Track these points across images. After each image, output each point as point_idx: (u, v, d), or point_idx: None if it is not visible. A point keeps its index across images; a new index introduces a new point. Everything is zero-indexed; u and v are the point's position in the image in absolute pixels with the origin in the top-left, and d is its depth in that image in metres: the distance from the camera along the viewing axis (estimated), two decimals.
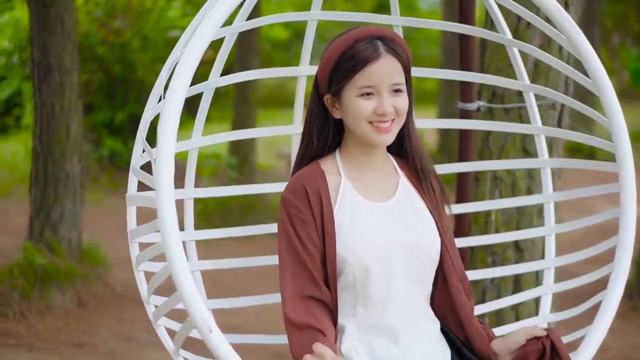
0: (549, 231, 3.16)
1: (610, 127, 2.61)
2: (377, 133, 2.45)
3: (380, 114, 2.43)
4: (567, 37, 2.60)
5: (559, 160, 3.30)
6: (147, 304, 2.64)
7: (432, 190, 2.59)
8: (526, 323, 3.22)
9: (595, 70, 2.59)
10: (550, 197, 3.17)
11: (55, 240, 6.54)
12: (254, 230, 3.05)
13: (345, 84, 2.45)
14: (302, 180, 2.48)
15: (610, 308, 2.53)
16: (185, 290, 2.08)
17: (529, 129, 3.24)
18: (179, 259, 2.08)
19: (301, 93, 3.11)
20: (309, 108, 2.57)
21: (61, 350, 5.52)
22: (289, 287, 2.40)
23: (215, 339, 2.09)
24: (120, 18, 11.06)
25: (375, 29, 2.48)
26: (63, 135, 6.58)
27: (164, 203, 2.10)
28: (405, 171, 2.60)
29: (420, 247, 2.48)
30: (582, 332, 2.64)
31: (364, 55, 2.42)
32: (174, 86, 2.17)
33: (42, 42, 6.46)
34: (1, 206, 9.71)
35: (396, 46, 2.46)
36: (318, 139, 2.55)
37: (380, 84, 2.43)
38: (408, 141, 2.59)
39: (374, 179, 2.54)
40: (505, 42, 3.07)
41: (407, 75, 2.51)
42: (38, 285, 6.13)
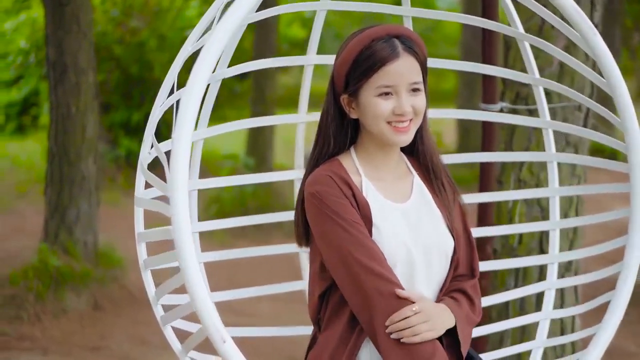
0: (553, 226, 3.17)
1: (623, 127, 2.61)
2: (395, 133, 2.42)
3: (399, 114, 2.40)
4: (583, 36, 2.59)
5: (567, 156, 3.33)
6: (154, 305, 2.60)
7: (444, 189, 2.56)
8: (528, 319, 3.21)
9: (610, 71, 2.59)
10: (555, 192, 3.17)
11: (70, 242, 6.48)
12: (257, 220, 3.06)
13: (363, 84, 2.41)
14: (325, 172, 2.43)
15: (618, 308, 2.55)
16: (200, 302, 2.06)
17: (537, 123, 3.23)
18: (195, 275, 2.06)
19: (307, 82, 3.11)
20: (324, 109, 2.53)
21: (76, 354, 5.46)
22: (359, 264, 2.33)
23: (229, 349, 2.06)
24: (137, 17, 11.01)
25: (392, 27, 2.43)
26: (79, 135, 6.51)
27: (179, 213, 2.08)
28: (418, 170, 2.58)
29: (437, 249, 2.46)
30: (591, 330, 2.67)
31: (382, 54, 2.38)
32: (192, 86, 2.13)
33: (57, 41, 6.39)
34: (17, 207, 9.66)
35: (414, 44, 2.43)
36: (335, 140, 2.50)
37: (398, 84, 2.39)
38: (420, 140, 2.56)
39: (391, 179, 2.51)
40: (516, 36, 3.05)
41: (424, 73, 2.47)
42: (53, 288, 6.08)
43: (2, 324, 5.75)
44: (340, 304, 2.42)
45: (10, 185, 10.79)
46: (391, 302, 2.31)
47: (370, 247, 2.35)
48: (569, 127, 3.17)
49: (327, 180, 2.40)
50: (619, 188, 2.90)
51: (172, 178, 2.09)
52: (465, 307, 2.46)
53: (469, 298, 2.50)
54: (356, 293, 2.33)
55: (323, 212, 2.37)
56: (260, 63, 3.00)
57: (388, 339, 2.30)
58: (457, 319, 2.40)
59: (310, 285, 2.52)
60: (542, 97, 3.15)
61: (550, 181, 3.17)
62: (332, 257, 2.37)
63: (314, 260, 2.49)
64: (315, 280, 2.47)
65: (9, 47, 15.00)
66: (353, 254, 2.32)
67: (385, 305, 2.31)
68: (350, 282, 2.33)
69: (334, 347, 2.39)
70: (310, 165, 2.53)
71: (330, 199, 2.37)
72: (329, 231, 2.36)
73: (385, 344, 2.31)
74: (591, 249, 3.07)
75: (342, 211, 2.36)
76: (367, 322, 2.33)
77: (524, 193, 3.49)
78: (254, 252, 3.08)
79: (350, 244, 2.33)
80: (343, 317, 2.41)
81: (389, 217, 2.42)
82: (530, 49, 3.10)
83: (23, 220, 8.72)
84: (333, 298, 2.44)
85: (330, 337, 2.41)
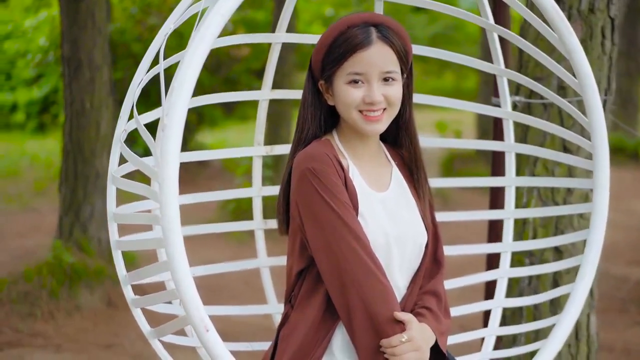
0: (508, 215, 3.31)
1: (590, 127, 2.68)
2: (366, 122, 2.42)
3: (369, 102, 2.39)
4: (558, 35, 2.62)
5: (526, 147, 3.36)
6: (124, 286, 2.60)
7: (419, 180, 2.57)
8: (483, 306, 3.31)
9: (582, 71, 2.64)
10: (512, 182, 3.32)
11: (84, 238, 6.46)
12: (223, 195, 3.11)
13: (335, 70, 2.41)
14: (320, 150, 2.42)
15: (577, 300, 2.71)
16: (185, 289, 2.05)
17: (499, 113, 3.31)
18: (181, 261, 2.05)
19: (274, 60, 3.14)
20: (303, 94, 2.53)
21: (89, 351, 5.44)
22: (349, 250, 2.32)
23: (211, 338, 2.07)
24: (155, 15, 10.98)
25: (370, 15, 2.43)
26: (93, 132, 6.49)
27: (168, 198, 2.05)
28: (397, 160, 2.59)
29: (412, 239, 2.47)
30: (553, 319, 2.83)
31: (354, 41, 2.38)
32: (181, 84, 2.08)
33: (72, 37, 6.37)
34: (35, 204, 9.68)
35: (391, 34, 2.41)
36: (312, 125, 2.50)
37: (369, 72, 2.38)
38: (405, 132, 2.57)
39: (371, 166, 2.52)
40: (486, 27, 3.07)
41: (404, 64, 2.45)
42: (67, 285, 6.05)
43: (16, 320, 5.74)
44: (316, 283, 2.41)
45: (29, 183, 10.83)
46: (374, 291, 2.32)
47: (359, 232, 2.34)
48: (532, 120, 3.21)
49: (324, 158, 2.39)
50: (583, 184, 3.04)
51: (164, 151, 2.05)
52: (440, 317, 2.49)
53: (439, 299, 2.53)
54: (336, 276, 2.32)
55: (315, 190, 2.35)
56: (229, 40, 2.95)
57: (362, 327, 2.31)
58: (438, 336, 2.43)
59: (289, 261, 2.51)
60: (505, 88, 3.27)
61: (508, 171, 3.29)
62: (318, 237, 2.35)
63: (294, 236, 2.47)
64: (295, 257, 2.47)
65: (30, 45, 15.09)
66: (343, 237, 2.32)
67: (365, 294, 2.31)
68: (332, 265, 2.33)
69: (306, 329, 2.40)
70: (292, 149, 2.52)
71: (326, 177, 2.36)
72: (319, 210, 2.34)
73: (359, 331, 2.32)
74: (550, 240, 3.21)
75: (336, 191, 2.35)
76: (341, 306, 2.33)
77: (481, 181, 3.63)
78: (217, 228, 3.13)
79: (340, 226, 2.32)
80: (317, 299, 2.41)
81: (372, 205, 2.43)
82: (498, 40, 3.17)
83: (41, 218, 8.73)
84: (309, 277, 2.44)
85: (303, 319, 2.42)
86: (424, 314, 2.45)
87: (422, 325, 2.38)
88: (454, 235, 5.92)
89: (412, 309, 2.46)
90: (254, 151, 3.16)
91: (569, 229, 3.80)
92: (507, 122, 3.28)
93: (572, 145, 3.76)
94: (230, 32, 11.46)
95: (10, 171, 11.68)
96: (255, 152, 3.16)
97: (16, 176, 11.48)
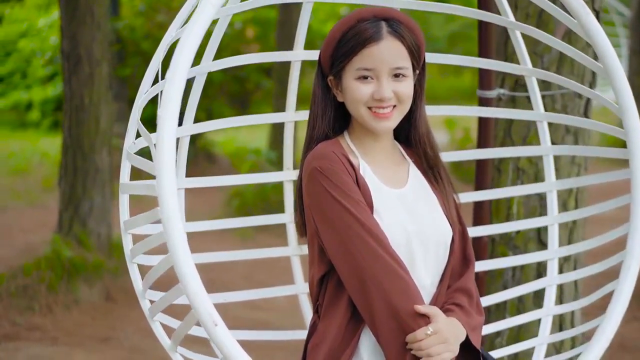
0: (552, 220, 3.07)
1: (621, 113, 2.48)
2: (375, 119, 2.33)
3: (378, 99, 2.30)
4: (576, 18, 2.45)
5: (562, 147, 3.20)
6: (142, 299, 2.51)
7: (440, 179, 2.47)
8: (530, 317, 3.12)
9: (605, 54, 2.45)
10: (553, 186, 3.07)
11: (83, 233, 6.48)
12: (254, 222, 2.99)
13: (344, 65, 2.34)
14: (328, 149, 2.34)
15: (622, 297, 2.40)
16: (189, 282, 1.95)
17: (531, 116, 3.14)
18: (182, 249, 1.95)
19: (295, 78, 3.01)
20: (313, 90, 2.44)
21: (86, 345, 5.46)
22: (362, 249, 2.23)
23: (220, 333, 1.95)
24: (163, 12, 11.00)
25: (381, 9, 2.35)
26: (92, 127, 6.51)
27: (165, 189, 1.97)
28: (414, 158, 2.48)
29: (435, 236, 2.36)
30: (595, 322, 2.55)
31: (364, 36, 2.29)
32: (175, 68, 2.04)
33: (71, 33, 6.39)
34: (42, 201, 9.75)
35: (402, 28, 2.32)
36: (323, 122, 2.41)
37: (379, 68, 2.30)
38: (414, 130, 2.46)
39: (386, 164, 2.42)
40: (507, 25, 2.94)
41: (415, 60, 2.36)
42: (65, 279, 6.07)
43: (14, 314, 5.77)
44: (338, 288, 2.32)
45: (38, 180, 10.89)
46: (394, 286, 2.22)
47: (374, 229, 2.25)
48: (560, 118, 3.10)
49: (332, 156, 2.30)
50: (619, 175, 2.75)
51: (159, 158, 2.00)
52: (471, 312, 2.37)
53: (470, 296, 2.42)
54: (355, 276, 2.23)
55: (325, 190, 2.26)
56: (245, 58, 2.91)
57: (386, 326, 2.22)
58: (469, 331, 2.32)
59: (310, 270, 2.42)
60: (535, 88, 3.09)
61: (547, 175, 3.08)
62: (332, 237, 2.27)
63: (312, 243, 2.38)
64: (314, 264, 2.38)
65: (44, 44, 15.16)
66: (358, 234, 2.23)
67: (385, 291, 2.22)
68: (349, 263, 2.24)
69: (333, 336, 2.31)
70: (305, 146, 2.44)
71: (335, 175, 2.27)
72: (330, 209, 2.26)
73: (384, 330, 2.23)
74: (592, 241, 2.94)
75: (347, 189, 2.26)
76: (364, 307, 2.24)
77: (521, 189, 3.38)
78: (247, 255, 3.02)
79: (354, 224, 2.23)
80: (342, 304, 2.31)
81: (388, 202, 2.34)
82: (521, 38, 3.04)
83: (47, 214, 8.76)
84: (331, 283, 2.34)
85: (329, 326, 2.32)
86: (453, 310, 2.33)
87: (450, 319, 2.28)
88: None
89: (441, 307, 2.34)
90: (285, 176, 3.05)
91: None
92: (542, 124, 3.10)
93: (557, 137, 3.74)
94: (239, 31, 11.48)
95: (20, 168, 11.74)
96: (285, 177, 3.05)
97: (26, 173, 11.54)
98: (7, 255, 7.07)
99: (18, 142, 14.14)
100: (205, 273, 2.71)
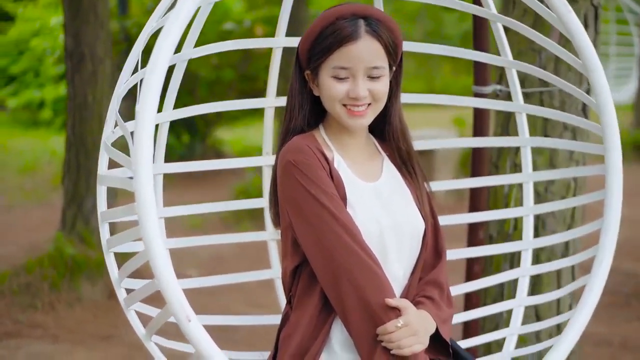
0: (527, 211, 3.13)
1: (598, 109, 2.51)
2: (350, 117, 2.37)
3: (353, 97, 2.34)
4: (557, 14, 2.48)
5: (538, 139, 3.23)
6: (117, 288, 2.55)
7: (414, 173, 2.51)
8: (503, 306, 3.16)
9: (585, 50, 2.49)
10: (529, 177, 3.13)
11: (87, 231, 6.47)
12: (228, 206, 3.00)
13: (321, 62, 2.36)
14: (303, 142, 2.37)
15: (593, 292, 2.47)
16: (164, 279, 1.96)
17: (509, 107, 3.20)
18: (158, 247, 1.96)
19: (276, 65, 3.04)
20: (290, 82, 2.47)
21: (87, 343, 5.45)
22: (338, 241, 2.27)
23: (193, 328, 1.97)
24: None
25: (360, 7, 2.36)
26: (95, 125, 6.49)
27: (143, 188, 1.98)
28: (388, 152, 2.52)
29: (409, 229, 2.40)
30: (567, 315, 2.62)
31: (342, 34, 2.32)
32: (156, 58, 2.07)
33: (74, 30, 6.38)
34: (50, 199, 9.75)
35: (380, 27, 2.35)
36: (300, 115, 2.45)
37: (355, 67, 2.33)
38: (389, 125, 2.51)
39: (360, 158, 2.46)
40: (488, 17, 2.95)
41: (392, 58, 2.39)
42: (68, 277, 6.06)
43: (16, 312, 5.76)
44: (310, 280, 2.36)
45: (46, 178, 10.90)
46: (367, 280, 2.26)
47: (348, 223, 2.28)
48: (541, 110, 3.11)
49: (306, 150, 2.34)
50: (594, 170, 2.83)
51: (137, 167, 2.00)
52: (441, 305, 2.42)
53: (441, 288, 2.46)
54: (328, 268, 2.27)
55: (299, 183, 2.30)
56: (228, 44, 2.91)
57: (358, 318, 2.26)
58: (439, 324, 2.36)
59: (283, 261, 2.46)
60: (516, 81, 3.13)
61: (524, 167, 3.13)
62: (306, 230, 2.30)
63: (285, 235, 2.42)
64: (288, 256, 2.42)
65: (55, 43, 15.18)
66: (331, 228, 2.26)
67: (357, 284, 2.25)
68: (322, 257, 2.28)
69: (305, 327, 2.35)
70: (281, 139, 2.47)
71: (309, 169, 2.31)
72: (304, 203, 2.29)
73: (355, 322, 2.27)
74: (565, 234, 3.02)
75: (321, 183, 2.30)
76: (336, 299, 2.28)
77: (496, 179, 3.45)
78: (222, 239, 3.03)
79: (327, 217, 2.27)
80: (314, 296, 2.35)
81: (361, 195, 2.37)
82: (503, 31, 3.08)
83: (54, 212, 8.75)
84: (304, 274, 2.38)
85: (302, 316, 2.36)
86: (424, 302, 2.39)
87: (420, 312, 2.33)
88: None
89: (412, 299, 2.39)
90: (263, 161, 3.07)
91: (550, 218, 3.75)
92: (521, 115, 3.16)
93: (554, 133, 3.71)
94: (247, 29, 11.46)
95: (29, 166, 11.77)
96: (264, 162, 3.07)
97: (35, 171, 11.56)
98: (11, 253, 7.07)
99: (29, 140, 14.18)
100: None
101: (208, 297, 5.84)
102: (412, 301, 2.36)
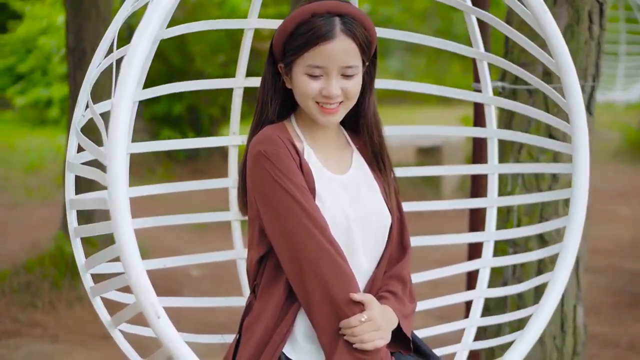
0: (491, 203, 3.22)
1: (568, 108, 2.59)
2: (322, 113, 2.38)
3: (326, 95, 2.35)
4: (533, 14, 2.53)
5: (505, 132, 3.29)
6: (83, 275, 2.59)
7: (384, 167, 2.53)
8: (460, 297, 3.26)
9: (558, 51, 2.54)
10: (495, 169, 3.23)
11: None
12: (195, 186, 3.04)
13: (295, 58, 2.36)
14: (274, 133, 2.38)
15: (556, 288, 2.54)
16: (135, 276, 1.97)
17: (480, 98, 3.24)
18: (129, 242, 1.98)
19: (247, 46, 3.07)
20: (263, 75, 2.48)
21: (86, 342, 5.42)
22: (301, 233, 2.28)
23: (162, 325, 1.98)
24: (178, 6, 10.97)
25: (335, 4, 2.35)
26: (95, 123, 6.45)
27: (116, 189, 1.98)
28: (358, 145, 2.55)
29: (375, 222, 2.43)
30: (530, 310, 2.70)
31: (317, 33, 2.31)
32: (138, 39, 2.06)
33: (76, 27, 6.35)
34: (54, 197, 9.72)
35: (355, 26, 2.35)
36: (271, 106, 2.46)
37: (329, 66, 2.33)
38: (363, 119, 2.52)
39: (330, 149, 2.48)
40: (462, 8, 2.98)
41: (366, 55, 2.40)
42: (69, 276, 6.04)
43: (16, 310, 5.74)
44: (276, 270, 2.38)
45: (51, 176, 10.90)
46: (332, 274, 2.27)
47: (315, 214, 2.30)
48: (513, 105, 3.15)
49: (277, 141, 2.35)
50: (562, 169, 2.90)
51: (111, 144, 2.00)
52: (404, 300, 2.46)
53: (404, 283, 2.50)
54: (293, 260, 2.29)
55: (269, 173, 2.31)
56: (200, 25, 2.91)
57: (321, 311, 2.28)
58: (400, 319, 2.40)
59: (249, 250, 2.47)
60: (486, 71, 3.20)
61: (490, 158, 3.20)
62: (273, 221, 2.31)
63: (252, 224, 2.42)
64: (254, 245, 2.42)
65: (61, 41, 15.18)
66: (299, 220, 2.28)
67: (323, 277, 2.27)
68: (289, 249, 2.29)
69: (269, 316, 2.36)
70: (252, 129, 2.48)
71: (279, 159, 2.32)
72: (273, 193, 2.30)
73: (319, 315, 2.29)
74: (529, 228, 3.16)
75: (290, 173, 2.31)
76: (300, 291, 2.30)
77: (464, 169, 3.64)
78: (187, 219, 3.09)
79: (295, 208, 2.28)
80: (279, 286, 2.37)
81: (330, 187, 2.39)
82: (476, 23, 3.14)
83: (56, 211, 8.74)
84: (270, 264, 2.39)
85: (266, 306, 2.38)
86: (387, 297, 2.41)
87: (384, 307, 2.35)
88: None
89: (376, 293, 2.42)
90: (229, 141, 3.10)
91: (554, 217, 3.69)
92: (489, 107, 3.21)
93: (558, 133, 3.65)
94: None
95: (35, 165, 11.77)
96: (230, 142, 3.10)
97: (40, 169, 11.56)
98: (13, 252, 7.07)
99: (36, 139, 14.19)
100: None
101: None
102: (376, 295, 2.40)
